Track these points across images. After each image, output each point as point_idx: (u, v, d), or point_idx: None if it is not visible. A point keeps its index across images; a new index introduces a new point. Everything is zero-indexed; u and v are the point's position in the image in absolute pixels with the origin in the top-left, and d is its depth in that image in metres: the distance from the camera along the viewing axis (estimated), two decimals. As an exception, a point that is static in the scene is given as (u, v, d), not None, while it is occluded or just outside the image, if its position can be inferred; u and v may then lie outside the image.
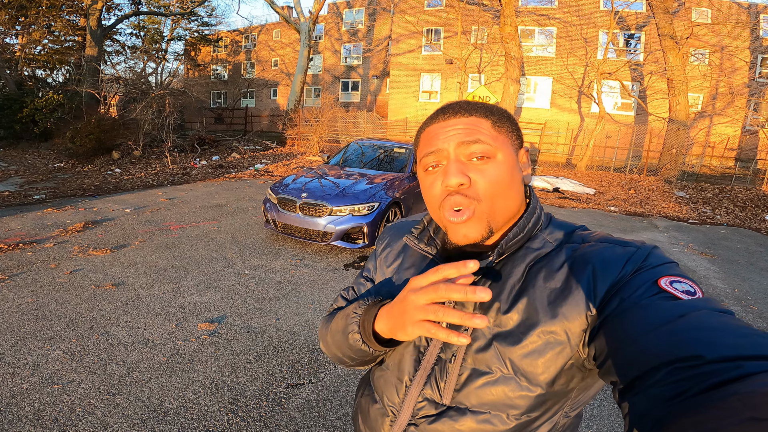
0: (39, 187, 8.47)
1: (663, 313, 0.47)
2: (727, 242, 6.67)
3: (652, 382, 0.42)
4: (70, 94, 14.79)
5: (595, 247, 0.62)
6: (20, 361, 2.58)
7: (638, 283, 0.53)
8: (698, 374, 0.38)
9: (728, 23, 14.03)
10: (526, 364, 0.60)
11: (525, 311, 0.61)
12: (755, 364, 0.37)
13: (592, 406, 2.49)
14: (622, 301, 0.53)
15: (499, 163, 0.64)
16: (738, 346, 0.40)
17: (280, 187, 5.32)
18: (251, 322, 3.23)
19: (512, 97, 12.94)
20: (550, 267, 0.63)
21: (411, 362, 0.70)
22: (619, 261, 0.57)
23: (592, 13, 17.61)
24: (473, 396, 0.63)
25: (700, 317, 0.45)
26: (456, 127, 0.65)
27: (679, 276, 0.53)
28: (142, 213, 6.32)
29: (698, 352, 0.40)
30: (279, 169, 11.49)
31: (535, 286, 0.62)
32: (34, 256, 4.32)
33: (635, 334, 0.47)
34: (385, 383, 0.74)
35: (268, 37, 29.50)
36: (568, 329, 0.58)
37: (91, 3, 15.83)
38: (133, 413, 2.19)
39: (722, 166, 15.54)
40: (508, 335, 0.61)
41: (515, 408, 0.61)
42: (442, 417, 0.65)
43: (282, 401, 2.38)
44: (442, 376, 0.66)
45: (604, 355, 0.51)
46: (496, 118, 0.67)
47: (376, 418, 0.75)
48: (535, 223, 0.68)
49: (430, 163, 0.67)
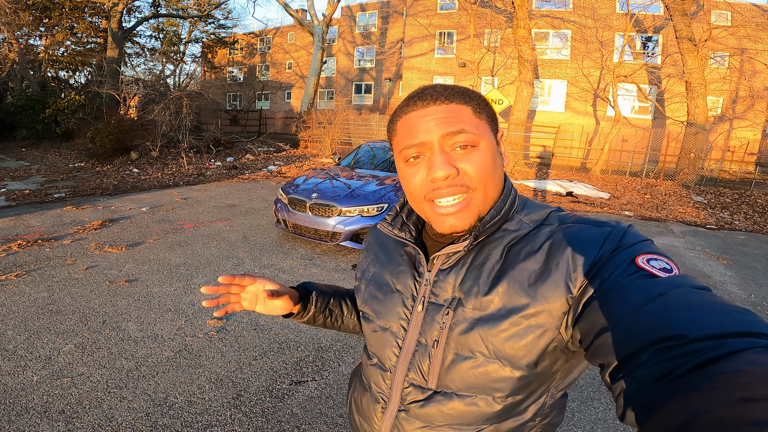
0: (59, 186, 8.70)
1: (642, 293, 0.47)
2: (745, 248, 6.52)
3: (638, 364, 0.42)
4: (91, 95, 15.14)
5: (573, 228, 0.62)
6: (32, 354, 2.66)
7: (617, 263, 0.53)
8: (682, 353, 0.38)
9: (748, 26, 13.73)
10: (508, 348, 0.60)
11: (505, 294, 0.60)
12: (738, 341, 0.37)
13: (597, 409, 2.47)
14: (602, 282, 0.53)
15: (482, 151, 0.63)
16: (719, 323, 0.40)
17: (291, 187, 5.37)
18: (258, 319, 3.28)
19: (526, 100, 12.84)
20: (528, 249, 0.62)
21: (391, 349, 0.71)
22: (596, 241, 0.57)
23: (608, 15, 17.40)
24: (458, 380, 0.64)
25: (680, 295, 0.45)
26: (436, 116, 0.62)
27: (656, 253, 0.54)
28: (157, 212, 6.45)
29: (681, 331, 0.40)
30: (292, 171, 11.59)
31: (514, 268, 0.61)
32: (51, 253, 4.44)
33: (618, 315, 0.47)
34: (373, 372, 0.75)
35: (282, 39, 29.82)
36: (548, 311, 0.58)
37: (112, 5, 16.20)
38: (138, 406, 2.24)
39: (742, 170, 15.18)
40: (489, 318, 0.61)
41: (500, 390, 0.62)
42: (430, 401, 0.66)
43: (285, 398, 2.40)
44: (424, 360, 0.66)
45: (590, 338, 0.51)
46: (475, 103, 0.65)
47: (368, 407, 0.76)
48: (510, 205, 0.67)
49: (411, 154, 0.65)
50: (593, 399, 2.58)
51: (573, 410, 2.47)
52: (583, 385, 2.71)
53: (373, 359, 0.76)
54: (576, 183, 10.85)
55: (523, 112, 12.97)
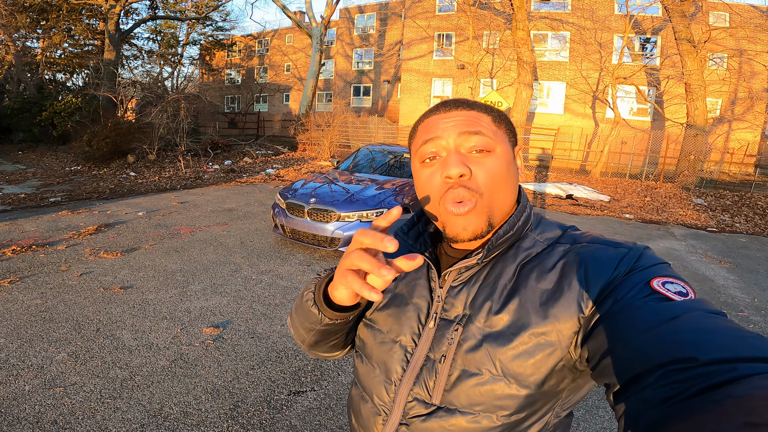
0: (55, 190, 8.63)
1: (656, 315, 0.47)
2: (747, 251, 6.48)
3: (645, 385, 0.41)
4: (88, 97, 15.07)
5: (588, 248, 0.61)
6: (24, 363, 2.59)
7: (631, 285, 0.53)
8: (692, 376, 0.38)
9: (747, 27, 13.74)
10: (516, 366, 0.59)
11: (516, 312, 0.60)
12: (749, 366, 0.36)
13: (603, 419, 2.41)
14: (615, 303, 0.52)
15: (498, 157, 0.64)
16: (732, 347, 0.39)
17: (289, 191, 5.32)
18: (256, 327, 3.22)
19: (525, 102, 12.82)
20: (541, 267, 0.62)
21: (399, 362, 0.69)
22: (611, 262, 0.57)
23: (607, 17, 17.41)
24: (463, 396, 0.63)
25: (694, 319, 0.45)
26: (456, 119, 0.64)
27: (672, 277, 0.53)
28: (154, 216, 6.38)
29: (692, 354, 0.40)
30: (290, 174, 11.54)
31: (526, 287, 0.61)
32: (46, 258, 4.38)
33: (629, 336, 0.47)
34: (375, 383, 0.73)
35: (280, 41, 29.82)
36: (559, 331, 0.57)
37: (109, 7, 16.15)
38: (132, 417, 2.18)
39: (741, 172, 15.17)
40: (498, 336, 0.60)
41: (504, 409, 0.61)
42: (432, 416, 0.65)
43: (283, 409, 2.34)
44: (431, 376, 0.65)
45: (597, 357, 0.51)
46: (495, 114, 0.67)
47: (368, 417, 0.74)
48: (525, 222, 0.67)
49: (428, 153, 0.65)
50: (598, 408, 2.53)
51: (578, 419, 2.42)
52: (588, 395, 2.65)
53: (376, 370, 0.73)
54: (576, 185, 10.82)
55: (522, 114, 12.95)
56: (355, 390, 0.82)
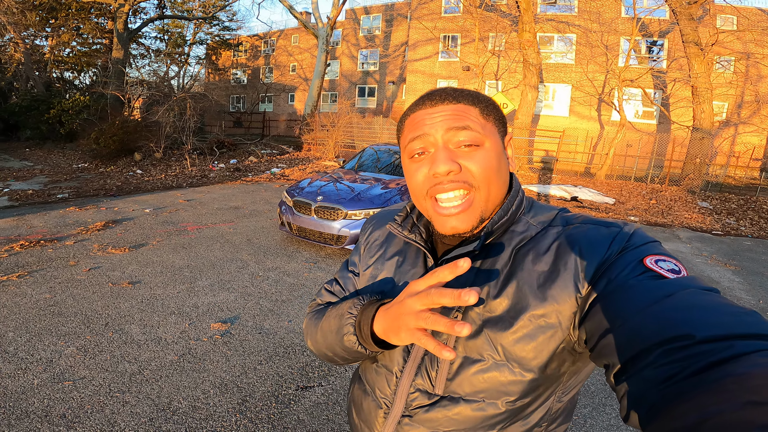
0: (63, 187, 8.69)
1: (650, 294, 0.47)
2: (752, 254, 6.45)
3: (644, 364, 0.42)
4: (96, 96, 15.15)
5: (580, 228, 0.62)
6: (33, 357, 2.62)
7: (624, 263, 0.53)
8: (690, 355, 0.38)
9: (754, 30, 13.66)
10: (518, 350, 0.59)
11: (514, 296, 0.60)
12: (746, 344, 0.37)
13: (610, 415, 2.41)
14: (609, 282, 0.53)
15: (487, 150, 0.63)
16: (727, 325, 0.40)
17: (296, 190, 5.34)
18: (264, 323, 3.23)
19: (530, 105, 12.80)
20: (536, 250, 0.62)
21: (400, 353, 0.69)
22: (604, 241, 0.57)
23: (613, 20, 17.36)
24: (466, 384, 0.63)
25: (687, 296, 0.45)
26: (443, 114, 0.63)
27: (664, 255, 0.54)
28: (160, 213, 6.42)
29: (688, 331, 0.40)
30: (295, 173, 11.57)
31: (523, 270, 0.61)
32: (54, 253, 4.41)
33: (624, 315, 0.47)
34: (376, 376, 0.73)
35: (286, 42, 29.88)
36: (558, 312, 0.57)
37: (118, 6, 16.26)
38: (141, 411, 2.20)
39: (747, 176, 15.09)
40: (498, 321, 0.60)
41: (509, 394, 0.61)
42: (436, 406, 0.65)
43: (291, 403, 2.36)
44: (433, 366, 0.65)
45: (595, 338, 0.51)
46: (483, 105, 0.66)
47: (369, 411, 0.75)
48: (518, 207, 0.67)
49: (416, 149, 0.65)
50: (605, 405, 2.53)
51: (585, 416, 2.42)
52: (595, 392, 2.66)
53: (377, 363, 0.74)
54: (580, 188, 10.79)
55: (527, 116, 12.93)
56: (356, 384, 0.82)
